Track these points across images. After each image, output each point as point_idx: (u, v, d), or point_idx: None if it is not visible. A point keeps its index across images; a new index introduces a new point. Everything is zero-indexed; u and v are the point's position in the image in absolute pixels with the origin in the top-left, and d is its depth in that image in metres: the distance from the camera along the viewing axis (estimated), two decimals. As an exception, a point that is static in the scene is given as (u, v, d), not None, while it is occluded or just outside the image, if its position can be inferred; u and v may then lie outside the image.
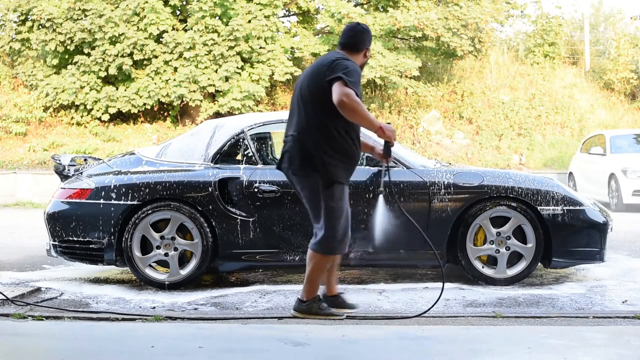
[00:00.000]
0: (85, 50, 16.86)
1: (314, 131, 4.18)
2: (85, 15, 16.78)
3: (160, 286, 5.46)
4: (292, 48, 17.62)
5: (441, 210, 5.49)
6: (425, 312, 4.50)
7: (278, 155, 6.80)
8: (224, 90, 16.41)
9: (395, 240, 5.35)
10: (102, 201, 5.51)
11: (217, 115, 15.60)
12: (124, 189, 5.49)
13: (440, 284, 5.54)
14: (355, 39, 4.33)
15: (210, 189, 5.47)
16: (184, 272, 5.47)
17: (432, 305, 4.54)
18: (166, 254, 5.47)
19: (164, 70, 16.63)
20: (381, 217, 4.92)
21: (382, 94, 18.17)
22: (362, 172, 5.56)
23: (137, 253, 5.46)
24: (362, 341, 3.82)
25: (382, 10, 18.23)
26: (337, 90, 4.00)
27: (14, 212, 12.98)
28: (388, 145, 4.34)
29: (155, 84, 16.48)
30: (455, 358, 3.47)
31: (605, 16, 24.77)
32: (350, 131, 4.21)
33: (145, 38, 16.56)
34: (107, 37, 16.37)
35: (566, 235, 5.50)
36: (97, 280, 5.92)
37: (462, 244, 5.48)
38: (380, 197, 4.80)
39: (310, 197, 4.26)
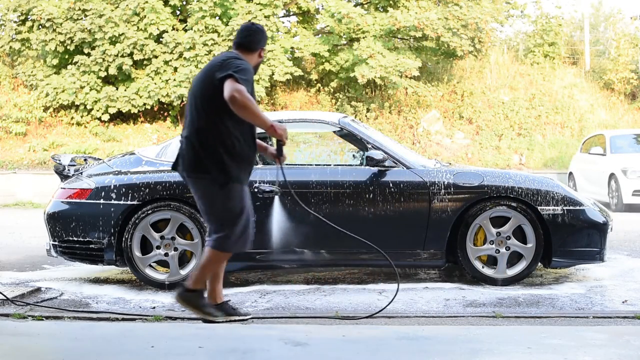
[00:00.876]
0: (85, 50, 16.86)
1: (205, 131, 4.13)
2: (85, 15, 16.78)
3: (160, 286, 5.46)
4: (292, 48, 17.61)
5: (441, 210, 5.49)
6: (377, 312, 4.52)
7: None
8: (223, 90, 16.39)
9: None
10: (102, 201, 5.51)
11: (217, 115, 15.57)
12: (124, 189, 5.49)
13: (440, 284, 5.56)
14: (250, 38, 4.30)
15: (210, 189, 5.46)
16: (184, 272, 5.46)
17: (385, 307, 4.57)
18: (166, 254, 5.47)
19: (164, 70, 16.63)
20: (278, 218, 4.85)
21: (382, 94, 18.17)
22: (362, 172, 5.56)
23: (137, 253, 5.46)
24: (362, 341, 3.82)
25: (382, 10, 18.23)
26: (228, 87, 3.94)
27: (14, 212, 12.98)
28: (280, 144, 4.27)
29: (155, 84, 16.48)
30: (455, 358, 3.47)
31: (605, 16, 24.76)
32: (243, 131, 4.15)
33: (145, 38, 16.56)
34: (107, 37, 16.37)
35: (566, 235, 5.50)
36: (97, 280, 5.92)
37: (462, 244, 5.48)
38: (276, 198, 4.79)
39: (205, 198, 4.20)
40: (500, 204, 5.49)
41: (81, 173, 5.83)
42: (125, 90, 16.70)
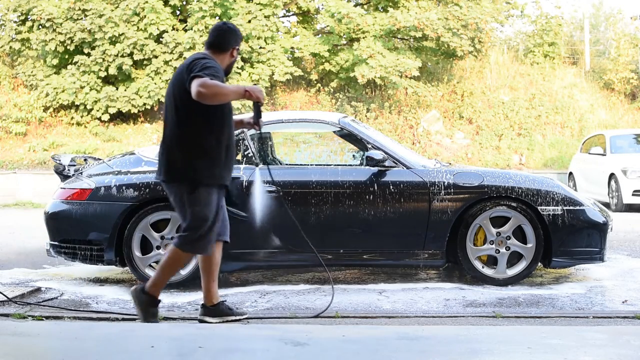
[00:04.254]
0: (85, 50, 16.86)
1: (175, 137, 4.11)
2: (85, 15, 16.77)
3: (160, 286, 5.45)
4: (292, 48, 17.61)
5: (441, 210, 5.49)
6: (322, 312, 4.53)
7: (278, 155, 6.82)
8: (223, 90, 16.40)
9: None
10: (102, 201, 5.50)
11: (217, 115, 15.58)
12: (124, 189, 5.49)
13: (440, 284, 5.56)
14: (220, 38, 4.26)
15: (210, 189, 5.46)
16: (185, 272, 5.47)
17: (327, 307, 4.57)
18: (166, 254, 5.46)
19: (164, 70, 16.62)
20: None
21: (382, 94, 18.16)
22: (362, 172, 5.56)
23: (137, 253, 5.46)
24: (362, 341, 3.82)
25: (382, 10, 18.22)
26: (193, 87, 3.90)
27: (14, 212, 12.98)
28: (258, 105, 4.20)
29: (155, 84, 16.48)
30: (455, 358, 3.47)
31: (605, 16, 24.77)
32: (219, 133, 4.11)
33: (145, 38, 16.56)
34: (107, 37, 16.37)
35: (566, 235, 5.50)
36: (97, 280, 5.92)
37: (462, 244, 5.47)
38: (257, 170, 4.71)
39: (176, 203, 4.19)
40: (500, 204, 5.49)
41: (81, 173, 5.83)
42: (125, 90, 16.70)
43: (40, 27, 16.86)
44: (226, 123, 4.16)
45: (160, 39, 16.89)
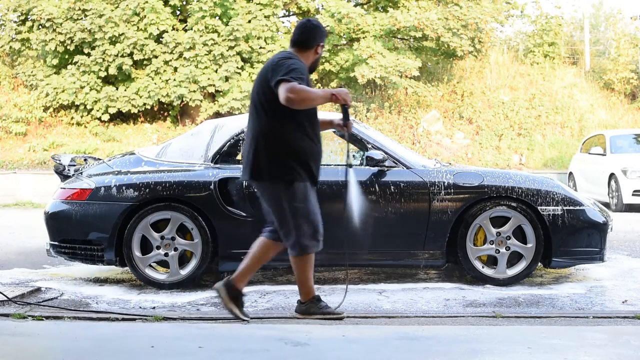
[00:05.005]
0: (85, 50, 16.86)
1: (263, 136, 4.15)
2: (85, 15, 16.78)
3: (160, 286, 5.46)
4: (292, 48, 17.60)
5: (441, 210, 5.48)
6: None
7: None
8: (224, 90, 16.41)
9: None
10: (102, 201, 5.50)
11: (217, 115, 15.60)
12: (124, 189, 5.49)
13: (440, 284, 5.56)
14: (304, 35, 4.29)
15: (210, 189, 5.47)
16: (184, 272, 5.47)
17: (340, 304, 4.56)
18: (166, 254, 5.46)
19: (164, 70, 16.63)
20: (356, 191, 4.80)
21: (382, 94, 18.16)
22: (362, 172, 5.56)
23: (137, 253, 5.46)
24: (362, 341, 3.82)
25: (382, 10, 18.23)
26: (281, 92, 3.96)
27: (14, 212, 12.98)
28: (345, 108, 4.25)
29: (155, 84, 16.48)
30: (455, 358, 3.47)
31: (605, 16, 24.77)
32: (305, 129, 4.15)
33: (145, 38, 16.56)
34: (107, 37, 16.37)
35: (566, 235, 5.50)
36: (97, 280, 5.92)
37: (462, 244, 5.47)
38: (351, 171, 4.71)
39: (272, 202, 4.23)
40: (500, 204, 5.49)
41: (81, 173, 5.83)
42: (125, 90, 16.70)
43: (40, 27, 16.86)
44: (312, 120, 4.21)
45: (160, 39, 16.89)
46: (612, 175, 12.62)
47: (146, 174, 5.59)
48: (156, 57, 16.66)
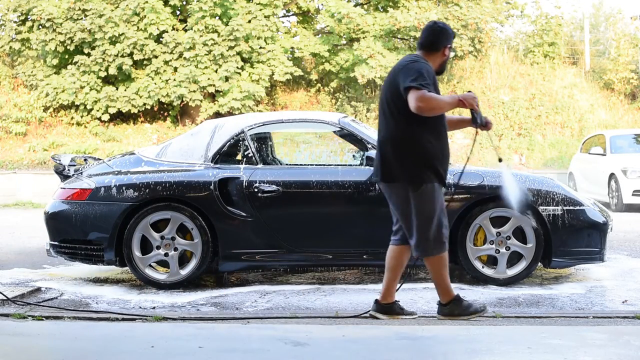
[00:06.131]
0: (85, 50, 16.85)
1: (393, 139, 4.21)
2: (85, 15, 16.77)
3: (160, 286, 5.46)
4: (292, 48, 17.61)
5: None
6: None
7: (278, 156, 6.83)
8: (224, 90, 16.41)
9: None
10: (102, 201, 5.51)
11: (217, 115, 15.60)
12: (124, 189, 5.49)
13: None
14: (431, 38, 4.31)
15: (210, 189, 5.47)
16: (184, 272, 5.47)
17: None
18: (166, 254, 5.46)
19: (164, 70, 16.62)
20: (512, 182, 4.80)
21: (382, 94, 18.14)
22: (362, 172, 5.56)
23: (137, 253, 5.46)
24: (362, 341, 3.82)
25: (382, 10, 18.22)
26: (411, 100, 4.03)
27: (14, 212, 12.98)
28: (473, 113, 4.28)
29: (155, 84, 16.47)
30: (455, 358, 3.47)
31: (605, 16, 24.76)
32: (433, 131, 4.19)
33: (145, 38, 16.55)
34: (107, 37, 16.36)
35: (566, 235, 5.50)
36: (97, 280, 5.92)
37: (462, 244, 5.47)
38: (503, 166, 4.75)
39: (399, 203, 4.27)
40: (500, 204, 5.48)
41: (81, 173, 5.83)
42: (125, 90, 16.70)
43: (40, 27, 16.85)
44: (440, 122, 4.25)
45: (160, 39, 16.88)
46: (612, 175, 12.62)
47: (146, 174, 5.59)
48: (156, 57, 16.66)
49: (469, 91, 4.33)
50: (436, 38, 4.30)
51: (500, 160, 4.60)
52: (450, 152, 4.34)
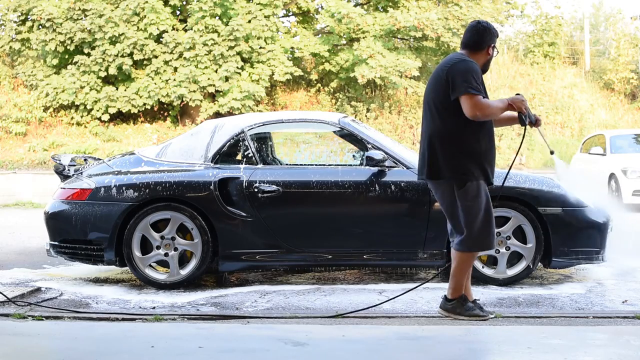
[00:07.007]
0: (85, 50, 16.86)
1: (438, 137, 4.23)
2: (85, 15, 16.78)
3: (160, 286, 5.46)
4: (292, 48, 17.61)
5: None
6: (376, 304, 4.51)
7: (278, 155, 6.83)
8: (224, 90, 16.42)
9: None
10: (102, 201, 5.50)
11: (217, 115, 15.61)
12: (124, 189, 5.49)
13: (440, 284, 5.55)
14: (476, 37, 4.33)
15: (210, 189, 5.47)
16: (184, 272, 5.46)
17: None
18: (166, 254, 5.46)
19: (164, 70, 16.63)
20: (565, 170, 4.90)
21: (382, 94, 18.16)
22: (362, 172, 5.56)
23: (137, 253, 5.45)
24: (362, 341, 3.82)
25: (382, 10, 18.23)
26: (466, 107, 4.10)
27: (14, 212, 12.98)
28: (520, 115, 4.33)
29: (155, 84, 16.48)
30: (455, 358, 3.47)
31: (605, 16, 24.76)
32: (479, 130, 4.23)
33: (145, 38, 16.56)
34: (107, 37, 16.37)
35: (566, 235, 5.50)
36: (97, 280, 5.91)
37: (462, 244, 5.46)
38: (555, 157, 4.83)
39: (445, 201, 4.31)
40: (500, 204, 5.48)
41: (81, 173, 5.83)
42: (125, 90, 16.71)
43: (40, 27, 16.86)
44: (486, 120, 4.28)
45: (160, 39, 16.89)
46: (612, 175, 12.62)
47: (146, 174, 5.59)
48: (156, 57, 16.66)
49: (518, 94, 4.38)
50: (480, 37, 4.33)
51: (552, 152, 4.69)
52: (495, 151, 4.38)
